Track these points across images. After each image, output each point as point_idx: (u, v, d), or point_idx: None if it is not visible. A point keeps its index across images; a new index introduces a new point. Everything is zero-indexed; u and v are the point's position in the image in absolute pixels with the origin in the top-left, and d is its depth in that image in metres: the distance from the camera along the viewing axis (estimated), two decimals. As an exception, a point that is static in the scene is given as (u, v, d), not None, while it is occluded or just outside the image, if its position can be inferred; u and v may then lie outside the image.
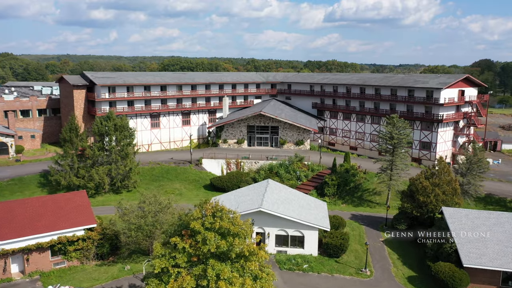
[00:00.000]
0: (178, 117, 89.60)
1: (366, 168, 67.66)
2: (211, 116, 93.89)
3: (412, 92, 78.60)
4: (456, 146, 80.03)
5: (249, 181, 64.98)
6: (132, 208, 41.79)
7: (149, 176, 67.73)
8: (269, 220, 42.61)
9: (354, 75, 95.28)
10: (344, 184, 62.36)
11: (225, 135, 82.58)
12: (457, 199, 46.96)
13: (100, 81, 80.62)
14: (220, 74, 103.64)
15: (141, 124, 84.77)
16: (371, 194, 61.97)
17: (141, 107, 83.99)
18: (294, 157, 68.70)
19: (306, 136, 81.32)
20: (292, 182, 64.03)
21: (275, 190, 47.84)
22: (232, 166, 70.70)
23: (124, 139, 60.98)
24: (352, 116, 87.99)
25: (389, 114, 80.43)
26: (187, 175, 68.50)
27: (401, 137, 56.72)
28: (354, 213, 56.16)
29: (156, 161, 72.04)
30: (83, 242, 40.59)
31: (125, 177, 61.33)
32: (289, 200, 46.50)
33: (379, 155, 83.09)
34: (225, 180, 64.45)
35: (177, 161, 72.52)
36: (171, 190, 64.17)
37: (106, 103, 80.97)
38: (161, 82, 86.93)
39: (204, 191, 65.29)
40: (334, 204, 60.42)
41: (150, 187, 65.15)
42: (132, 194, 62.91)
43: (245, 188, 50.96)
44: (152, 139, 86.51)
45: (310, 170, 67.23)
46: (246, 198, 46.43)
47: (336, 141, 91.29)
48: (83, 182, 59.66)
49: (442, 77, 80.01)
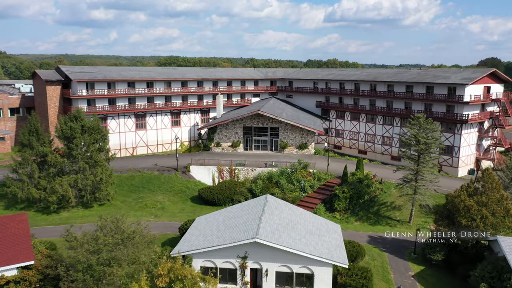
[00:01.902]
0: (167, 117, 78.16)
1: (382, 176, 56.21)
2: (204, 116, 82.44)
3: (431, 88, 67.19)
4: (480, 150, 68.61)
5: (244, 192, 53.54)
6: (85, 238, 30.33)
7: (128, 186, 56.25)
8: (268, 253, 31.28)
9: (363, 70, 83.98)
10: (357, 197, 50.94)
11: (218, 138, 71.06)
12: (510, 222, 35.56)
13: (76, 76, 69.21)
14: (214, 70, 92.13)
15: (124, 124, 73.39)
16: (390, 209, 50.57)
17: (124, 106, 72.57)
18: (297, 163, 57.21)
19: (310, 138, 69.84)
20: (295, 194, 52.61)
21: (275, 211, 36.42)
22: (225, 174, 59.24)
23: (94, 144, 49.49)
24: (361, 116, 76.57)
25: (403, 113, 69.18)
26: (172, 184, 57.03)
27: (429, 141, 45.33)
28: (372, 235, 44.71)
29: (137, 168, 60.54)
30: (16, 286, 29.19)
31: (95, 188, 49.88)
32: (294, 224, 35.09)
33: (391, 160, 71.98)
34: (215, 191, 53.02)
35: (161, 168, 60.99)
36: (152, 203, 52.75)
37: (83, 101, 69.56)
38: (147, 78, 75.50)
39: (190, 204, 53.82)
40: (347, 222, 48.95)
41: (127, 199, 53.80)
42: (105, 208, 51.44)
43: (238, 207, 39.49)
44: (137, 142, 75.09)
45: (316, 179, 55.75)
46: (237, 221, 35.03)
47: (343, 144, 79.86)
48: (44, 194, 48.25)
49: (465, 71, 68.56)
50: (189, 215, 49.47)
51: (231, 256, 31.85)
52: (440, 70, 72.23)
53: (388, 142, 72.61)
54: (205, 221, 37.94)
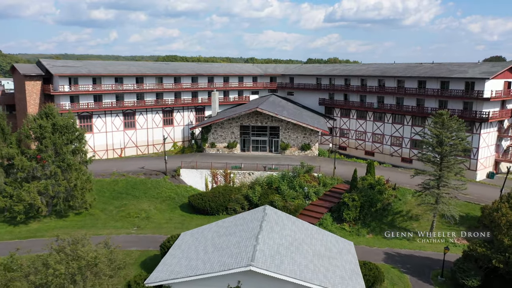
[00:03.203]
0: (158, 116, 71.18)
1: (394, 181, 49.23)
2: (198, 115, 75.47)
3: (446, 83, 60.16)
4: (499, 151, 61.67)
5: (240, 200, 46.54)
6: (33, 266, 23.37)
7: (110, 192, 49.26)
8: (267, 283, 24.36)
9: (370, 65, 76.95)
10: (369, 205, 43.93)
11: (212, 138, 64.02)
12: (563, 241, 28.62)
13: (57, 70, 62.25)
14: (209, 65, 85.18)
15: (111, 123, 66.42)
16: (406, 219, 43.59)
17: (112, 103, 65.61)
18: (300, 167, 50.18)
19: (313, 139, 62.82)
20: (298, 201, 45.59)
21: (276, 226, 29.47)
22: (220, 178, 52.23)
23: (67, 145, 42.49)
24: (368, 114, 69.56)
25: (415, 111, 62.19)
26: (160, 190, 50.04)
27: (455, 142, 38.38)
28: (388, 251, 37.73)
29: (122, 171, 53.54)
30: None
31: (69, 196, 42.89)
32: (298, 244, 28.14)
33: (401, 162, 65.04)
34: (208, 198, 46.01)
35: (149, 171, 53.97)
36: (136, 211, 45.76)
37: (66, 98, 62.60)
38: (137, 73, 68.55)
39: (180, 213, 46.81)
40: (357, 235, 41.95)
41: (108, 207, 46.83)
42: (81, 218, 44.57)
43: (231, 220, 32.47)
44: (126, 142, 68.12)
45: (321, 184, 48.75)
46: (229, 240, 28.08)
47: (348, 144, 72.84)
48: (10, 203, 41.25)
49: (484, 65, 61.56)
50: (177, 227, 42.55)
51: (220, 286, 24.92)
52: (455, 64, 65.18)
53: (398, 143, 65.63)
54: (191, 238, 31.01)
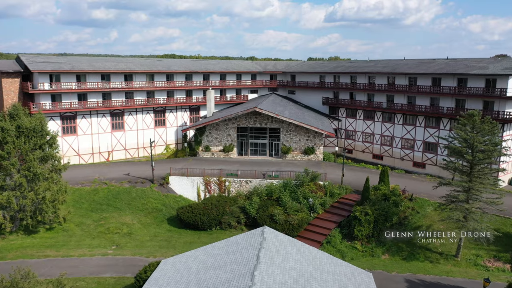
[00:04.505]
0: (149, 116, 64.84)
1: (409, 189, 42.83)
2: (193, 115, 69.11)
3: (464, 81, 53.77)
4: (521, 156, 55.20)
5: (236, 212, 40.17)
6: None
7: (89, 203, 42.89)
8: None
9: (378, 61, 70.48)
10: (383, 220, 37.59)
11: (207, 141, 57.58)
12: None
13: (36, 66, 55.89)
14: (205, 62, 78.71)
15: (97, 125, 60.10)
16: (427, 236, 37.15)
17: (97, 103, 59.28)
18: (304, 174, 43.74)
19: (317, 141, 56.40)
20: (302, 215, 39.20)
21: (277, 256, 23.12)
22: (213, 186, 45.85)
23: (34, 151, 36.13)
24: (376, 114, 63.19)
25: (428, 111, 55.84)
26: (146, 201, 43.65)
27: (487, 147, 32.02)
28: (409, 278, 31.31)
29: (105, 179, 47.17)
30: None
31: (37, 209, 36.54)
32: (305, 281, 21.75)
33: (413, 167, 58.68)
34: (199, 211, 39.62)
35: (134, 178, 47.53)
36: (117, 226, 39.44)
37: (46, 96, 56.29)
38: (125, 70, 62.13)
39: (167, 227, 40.43)
40: (371, 255, 35.59)
41: (86, 221, 40.47)
42: (53, 234, 38.26)
43: (222, 246, 26.02)
44: (114, 145, 61.79)
45: (328, 194, 42.33)
46: (217, 277, 21.70)
47: (354, 147, 66.48)
48: (-32, 218, 35.00)
49: (505, 61, 55.17)
50: (162, 245, 36.24)
51: None
52: (473, 60, 58.77)
53: (409, 146, 59.27)
54: (172, 270, 24.63)
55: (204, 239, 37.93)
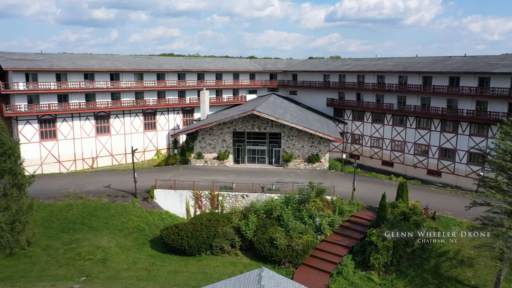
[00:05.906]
0: (138, 119, 58.51)
1: (431, 206, 36.38)
2: (186, 118, 62.76)
3: (486, 80, 47.37)
4: (550, 164, 48.77)
5: (230, 234, 33.74)
6: None
7: (60, 221, 36.47)
8: None
9: (388, 59, 63.98)
10: (404, 244, 31.24)
11: (199, 147, 51.11)
12: None
13: (11, 64, 49.52)
14: (200, 60, 72.29)
15: (80, 128, 53.79)
16: (456, 265, 30.83)
17: (80, 104, 52.95)
18: (309, 188, 37.30)
19: (323, 148, 49.96)
20: (307, 237, 32.82)
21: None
22: (205, 201, 39.43)
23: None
24: (386, 117, 56.86)
25: (445, 114, 49.51)
26: (126, 219, 37.24)
27: (538, 163, 25.62)
28: (442, 324, 24.97)
29: (81, 192, 40.72)
30: None
31: (-9, 233, 30.16)
32: None
33: (427, 175, 52.37)
34: (186, 233, 33.20)
35: (115, 191, 41.02)
36: (90, 250, 33.05)
37: (22, 97, 49.99)
38: (111, 68, 55.75)
39: (149, 252, 33.99)
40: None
41: (54, 244, 34.08)
42: (13, 261, 31.91)
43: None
44: (99, 151, 55.48)
45: (337, 212, 35.91)
46: None
47: (362, 152, 60.14)
48: None
49: (532, 58, 48.78)
50: (140, 277, 29.87)
51: None
52: (495, 57, 52.35)
53: (423, 152, 52.93)
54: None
55: (192, 267, 31.61)
